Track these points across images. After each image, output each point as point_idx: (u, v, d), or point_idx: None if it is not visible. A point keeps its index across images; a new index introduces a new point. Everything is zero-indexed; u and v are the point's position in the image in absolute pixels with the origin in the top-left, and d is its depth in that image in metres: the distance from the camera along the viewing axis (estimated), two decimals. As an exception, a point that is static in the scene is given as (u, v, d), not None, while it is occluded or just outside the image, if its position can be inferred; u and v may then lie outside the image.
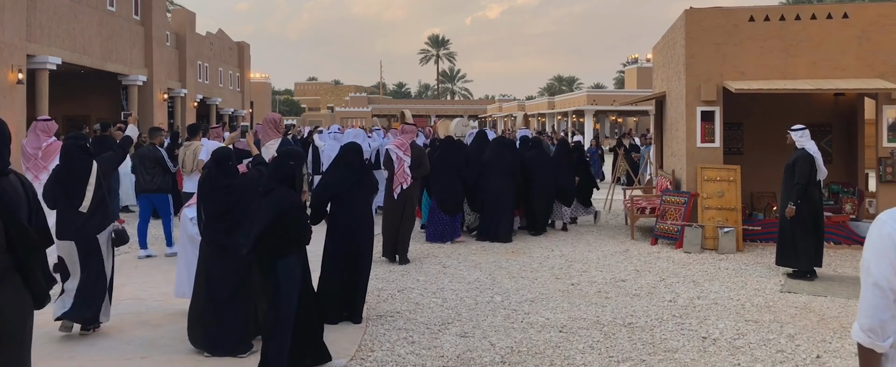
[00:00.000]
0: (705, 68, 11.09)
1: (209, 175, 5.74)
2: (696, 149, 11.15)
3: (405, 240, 9.87)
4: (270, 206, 5.03)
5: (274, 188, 5.15)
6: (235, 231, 5.63)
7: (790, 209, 8.52)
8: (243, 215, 5.69)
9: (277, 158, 5.50)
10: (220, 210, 5.65)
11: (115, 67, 25.05)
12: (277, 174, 5.25)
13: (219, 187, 5.68)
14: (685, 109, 11.22)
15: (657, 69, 14.97)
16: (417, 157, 10.04)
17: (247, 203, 5.73)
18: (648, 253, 10.43)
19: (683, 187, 11.42)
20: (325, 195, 6.53)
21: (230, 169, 5.75)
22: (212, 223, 5.68)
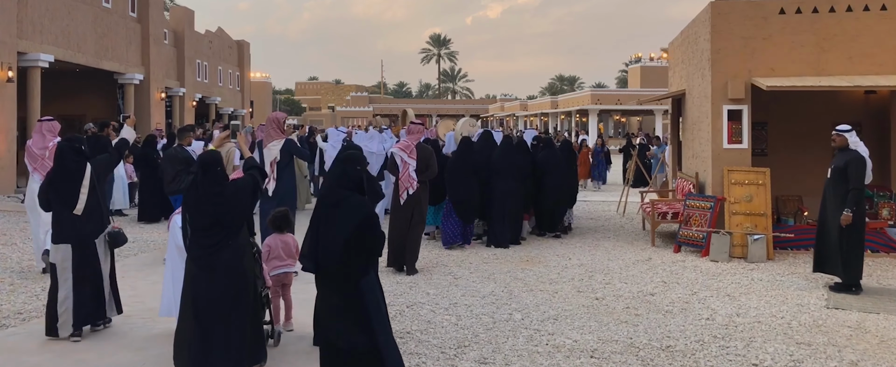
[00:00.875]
0: (732, 64, 10.39)
1: (195, 183, 5.05)
2: (722, 150, 10.45)
3: (413, 249, 9.21)
4: (349, 218, 4.63)
5: (345, 197, 4.74)
6: (226, 246, 4.94)
7: (846, 217, 7.78)
8: (234, 228, 5.01)
9: (343, 162, 4.99)
10: (208, 222, 4.96)
11: (111, 66, 24.35)
12: (345, 181, 4.84)
13: (207, 196, 4.98)
14: (710, 107, 10.53)
15: (674, 66, 14.28)
16: (424, 159, 9.36)
17: (239, 214, 5.04)
18: (673, 262, 9.73)
19: (708, 190, 10.72)
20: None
21: (219, 175, 5.06)
22: (199, 238, 4.99)
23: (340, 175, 4.92)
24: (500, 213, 10.94)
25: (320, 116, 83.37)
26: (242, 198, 5.06)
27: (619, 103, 50.25)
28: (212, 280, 4.93)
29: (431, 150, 9.68)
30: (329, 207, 4.78)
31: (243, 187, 5.13)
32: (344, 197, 4.77)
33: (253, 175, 5.29)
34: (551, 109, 58.61)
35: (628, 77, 73.95)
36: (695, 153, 11.86)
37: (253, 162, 5.61)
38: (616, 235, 12.25)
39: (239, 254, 5.06)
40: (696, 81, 11.68)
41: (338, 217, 4.68)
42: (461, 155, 10.91)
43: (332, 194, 4.86)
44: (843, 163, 7.92)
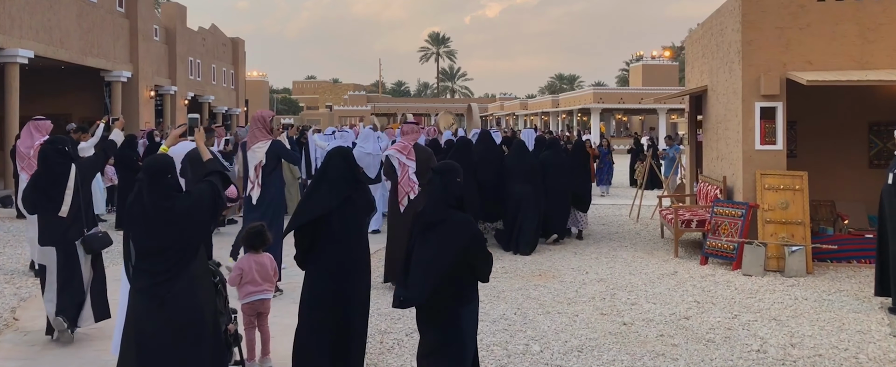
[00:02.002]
0: (766, 57, 9.40)
1: (140, 195, 4.05)
2: (754, 152, 9.47)
3: None
4: (454, 238, 4.15)
5: (446, 218, 4.22)
6: (178, 275, 3.95)
7: None
8: (189, 253, 4.02)
9: (441, 175, 4.37)
10: (156, 245, 3.97)
11: (96, 62, 23.33)
12: (446, 197, 4.30)
13: (155, 213, 3.99)
14: (740, 105, 9.54)
15: (693, 61, 13.29)
16: (424, 160, 8.42)
17: (194, 234, 4.05)
18: (702, 276, 8.74)
19: (738, 196, 9.74)
20: (307, 219, 4.82)
21: (169, 186, 4.06)
22: (145, 264, 3.99)
23: (442, 189, 4.34)
24: (513, 217, 10.42)
25: (318, 116, 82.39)
26: (199, 214, 4.07)
27: (622, 102, 49.24)
28: (160, 317, 3.94)
29: (431, 151, 8.79)
30: (430, 227, 4.25)
31: (199, 201, 4.12)
32: (448, 215, 4.23)
33: (212, 183, 4.28)
34: (552, 108, 57.55)
35: (630, 76, 72.97)
36: (720, 155, 10.87)
37: (214, 165, 4.57)
38: (633, 243, 11.26)
39: (194, 285, 4.07)
40: (722, 77, 10.69)
41: (442, 239, 4.18)
42: (460, 154, 10.23)
43: (434, 211, 4.30)
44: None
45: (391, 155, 8.47)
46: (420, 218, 4.39)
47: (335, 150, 5.04)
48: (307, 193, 4.98)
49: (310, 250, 4.91)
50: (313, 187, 4.99)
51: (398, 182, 8.35)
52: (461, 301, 4.21)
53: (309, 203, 4.90)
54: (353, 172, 4.99)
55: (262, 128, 8.28)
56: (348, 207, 4.86)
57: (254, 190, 8.04)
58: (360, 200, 4.94)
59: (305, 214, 4.86)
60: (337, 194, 4.86)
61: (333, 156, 5.00)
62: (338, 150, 5.05)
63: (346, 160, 4.98)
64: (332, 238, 4.85)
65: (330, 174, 4.94)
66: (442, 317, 4.19)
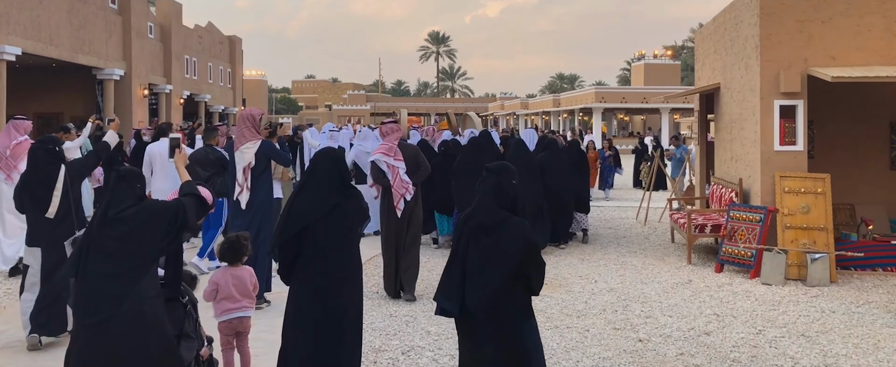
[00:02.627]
0: (786, 52, 8.86)
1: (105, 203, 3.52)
2: (772, 153, 8.92)
3: (412, 268, 7.75)
4: (513, 245, 3.81)
5: (505, 218, 3.86)
6: (125, 294, 3.41)
7: None
8: (139, 269, 3.47)
9: (497, 174, 4.02)
10: (101, 258, 3.45)
11: (88, 60, 22.78)
12: (500, 198, 3.94)
13: (110, 221, 3.47)
14: (759, 102, 8.99)
15: (704, 58, 12.74)
16: (412, 158, 7.92)
17: (147, 248, 3.52)
18: (718, 285, 8.20)
19: (755, 200, 9.19)
20: (290, 233, 4.27)
21: (131, 192, 3.54)
22: (90, 280, 3.45)
23: (496, 190, 3.99)
24: None
25: (317, 115, 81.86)
26: (155, 227, 3.52)
27: (624, 102, 48.65)
28: (104, 343, 3.39)
29: (416, 147, 8.28)
30: (484, 231, 3.89)
31: (160, 214, 3.58)
32: (504, 219, 3.87)
33: (180, 204, 3.72)
34: (553, 107, 56.97)
35: (631, 75, 72.42)
36: (734, 156, 10.32)
37: (190, 188, 3.99)
38: (642, 249, 10.72)
39: (142, 307, 3.51)
40: (737, 73, 10.14)
41: (498, 244, 3.84)
42: (469, 156, 9.85)
43: (488, 214, 3.93)
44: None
45: (377, 160, 7.86)
46: (471, 220, 3.98)
47: (323, 151, 4.50)
48: (291, 199, 4.44)
49: (294, 262, 4.38)
50: (298, 192, 4.45)
51: (391, 186, 7.80)
52: (524, 315, 3.85)
53: (293, 211, 4.36)
54: (343, 177, 4.45)
55: (250, 127, 7.68)
56: (337, 215, 4.33)
57: (242, 194, 7.47)
58: (351, 207, 4.40)
59: (289, 225, 4.32)
60: (324, 201, 4.32)
61: (321, 158, 4.46)
62: (326, 151, 4.51)
63: (335, 163, 4.44)
64: (318, 250, 4.32)
65: (317, 178, 4.41)
66: (505, 333, 3.82)
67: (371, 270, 9.09)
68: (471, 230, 3.95)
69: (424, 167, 8.00)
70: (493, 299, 3.79)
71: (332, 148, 4.59)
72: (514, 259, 3.79)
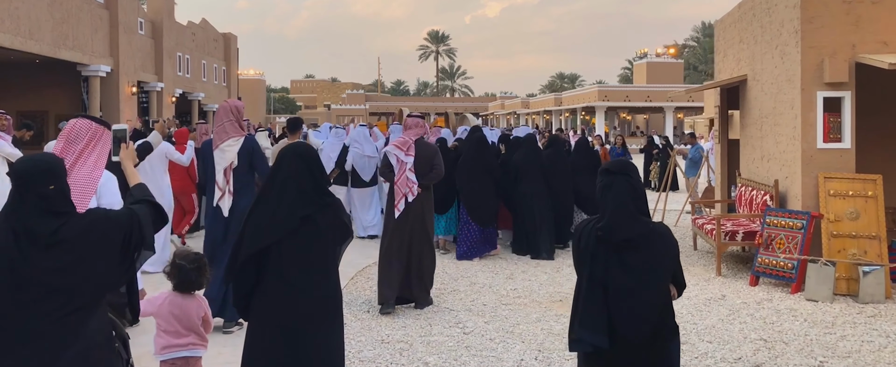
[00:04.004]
0: (830, 38, 7.85)
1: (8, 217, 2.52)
2: (815, 151, 7.92)
3: (424, 275, 7.01)
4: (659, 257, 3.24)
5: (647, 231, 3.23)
6: (70, 347, 2.43)
7: None
8: (85, 307, 2.49)
9: (626, 176, 3.30)
10: (31, 296, 2.46)
11: (72, 55, 21.74)
12: (639, 203, 3.29)
13: (27, 243, 2.48)
14: (799, 95, 7.98)
15: (726, 49, 11.73)
16: (426, 157, 7.04)
17: (94, 281, 2.52)
18: (757, 302, 7.19)
19: (795, 203, 8.18)
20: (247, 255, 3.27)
21: (52, 200, 2.55)
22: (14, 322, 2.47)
23: (632, 194, 3.29)
24: (528, 218, 9.73)
25: (316, 115, 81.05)
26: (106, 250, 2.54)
27: (628, 100, 47.64)
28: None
29: (436, 146, 7.37)
30: (631, 247, 3.22)
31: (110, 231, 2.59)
32: (649, 228, 3.25)
33: (132, 212, 2.72)
34: (555, 106, 55.99)
35: (633, 74, 71.43)
36: (766, 154, 9.31)
37: (141, 193, 2.96)
38: (663, 257, 9.70)
39: (89, 360, 2.53)
40: (768, 63, 9.14)
41: (650, 260, 3.22)
42: (472, 153, 9.58)
43: (631, 226, 3.23)
44: None
45: (389, 152, 7.06)
46: (611, 235, 3.22)
47: (291, 148, 3.50)
48: (250, 211, 3.44)
49: (253, 292, 3.39)
50: (258, 201, 3.45)
51: (394, 182, 6.91)
52: (671, 333, 3.30)
53: (250, 227, 3.36)
54: (317, 180, 3.45)
55: (233, 121, 6.69)
56: (308, 231, 3.33)
57: (223, 199, 6.49)
58: (326, 220, 3.41)
59: (245, 244, 3.33)
60: (290, 212, 3.33)
61: (288, 156, 3.46)
62: (295, 148, 3.51)
63: (305, 162, 3.44)
64: (283, 278, 3.33)
65: (281, 183, 3.41)
66: (659, 358, 3.26)
67: (362, 282, 8.10)
68: (609, 248, 3.23)
69: (437, 170, 7.10)
70: (654, 323, 3.20)
71: (303, 143, 3.58)
72: (668, 274, 3.26)
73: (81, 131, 3.16)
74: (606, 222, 3.21)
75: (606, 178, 3.27)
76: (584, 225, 3.34)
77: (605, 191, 3.25)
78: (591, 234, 3.23)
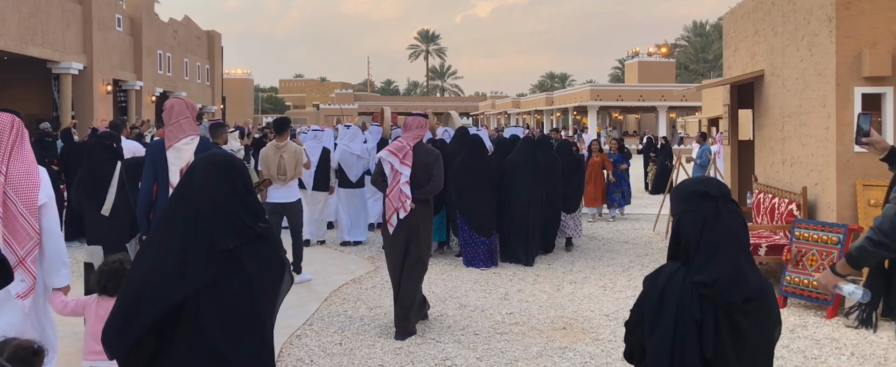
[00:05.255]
0: (870, 25, 6.91)
1: None
2: (852, 155, 6.96)
3: (407, 302, 6.06)
4: (774, 317, 2.38)
5: (763, 282, 2.35)
6: None
7: None
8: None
9: (730, 202, 2.42)
10: None
11: (40, 52, 20.69)
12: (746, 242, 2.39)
13: None
14: (832, 91, 7.04)
15: (737, 42, 10.78)
16: (424, 165, 6.12)
17: None
18: (789, 329, 6.23)
19: (827, 214, 7.23)
20: (143, 328, 2.26)
21: None
22: None
23: (744, 230, 2.45)
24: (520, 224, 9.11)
25: (304, 114, 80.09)
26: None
27: (621, 99, 46.76)
28: None
29: (437, 152, 6.33)
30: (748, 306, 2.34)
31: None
32: (763, 281, 2.40)
33: None
34: (546, 105, 55.08)
35: (625, 73, 70.66)
36: (789, 158, 8.37)
37: None
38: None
39: None
40: (792, 57, 8.20)
41: (762, 320, 2.37)
42: (469, 157, 9.03)
43: (748, 278, 2.35)
44: None
45: (383, 158, 6.14)
46: (723, 295, 2.29)
47: (205, 158, 2.48)
48: (142, 251, 2.42)
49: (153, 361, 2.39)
50: (157, 235, 2.44)
51: (386, 194, 6.03)
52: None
53: (140, 281, 2.34)
54: (245, 203, 2.44)
55: (189, 119, 5.87)
56: (232, 275, 2.33)
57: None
58: (255, 259, 2.40)
59: (138, 310, 2.32)
60: (199, 253, 2.32)
61: (200, 170, 2.45)
62: (210, 158, 2.48)
63: (224, 175, 2.43)
64: (197, 346, 2.32)
65: (192, 207, 2.39)
66: None
67: (337, 305, 7.10)
68: (721, 310, 2.31)
69: (434, 183, 6.14)
70: None
71: (221, 152, 2.55)
72: (777, 334, 2.42)
73: (4, 126, 3.30)
74: (720, 274, 2.24)
75: (707, 205, 2.32)
76: (664, 278, 2.38)
77: (710, 224, 2.29)
78: (688, 290, 2.27)
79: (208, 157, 2.41)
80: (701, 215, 2.35)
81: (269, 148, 8.18)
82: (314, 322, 6.49)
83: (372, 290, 7.73)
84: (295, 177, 8.08)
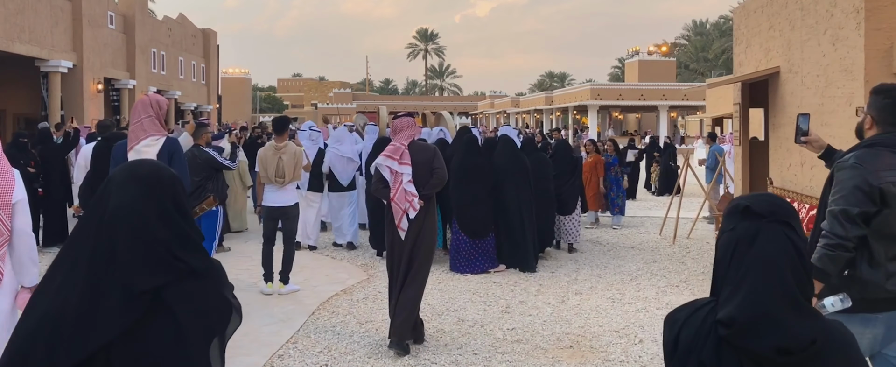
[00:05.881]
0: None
1: None
2: (881, 157, 6.44)
3: (407, 314, 5.64)
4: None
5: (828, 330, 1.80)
6: None
7: None
8: None
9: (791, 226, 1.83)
10: None
11: (28, 50, 20.12)
12: (804, 280, 1.79)
13: None
14: (862, 87, 6.51)
15: (750, 38, 10.26)
16: (425, 162, 5.75)
17: None
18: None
19: (855, 222, 6.70)
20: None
21: None
22: None
23: (794, 258, 1.86)
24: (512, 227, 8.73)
25: (303, 114, 79.62)
26: None
27: (621, 99, 46.25)
28: None
29: (434, 147, 5.95)
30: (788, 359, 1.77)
31: None
32: (823, 329, 1.81)
33: None
34: (545, 105, 54.59)
35: (625, 72, 70.19)
36: (809, 160, 7.83)
37: None
38: (684, 280, 8.25)
39: None
40: (812, 52, 7.68)
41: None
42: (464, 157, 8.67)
43: (786, 319, 1.77)
44: None
45: (380, 164, 5.73)
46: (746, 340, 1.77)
47: (123, 172, 1.92)
48: (39, 290, 1.87)
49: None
50: (57, 271, 1.87)
51: (391, 198, 5.62)
52: None
53: (46, 322, 1.80)
54: (177, 228, 1.88)
55: (152, 117, 5.49)
56: (156, 331, 1.79)
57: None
58: (187, 301, 1.85)
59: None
60: (113, 291, 1.77)
61: (117, 185, 1.89)
62: (129, 172, 1.91)
63: (151, 194, 1.87)
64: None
65: (104, 235, 1.84)
66: None
67: (325, 318, 6.57)
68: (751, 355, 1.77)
69: (439, 175, 5.74)
70: None
71: (147, 162, 1.97)
72: None
73: None
74: (740, 312, 1.72)
75: (746, 224, 1.80)
76: (685, 313, 1.86)
77: (741, 248, 1.78)
78: (708, 330, 1.76)
79: (129, 168, 1.86)
80: (735, 236, 1.84)
81: (267, 149, 7.70)
82: (299, 340, 5.98)
83: (364, 302, 7.21)
84: (294, 180, 7.60)
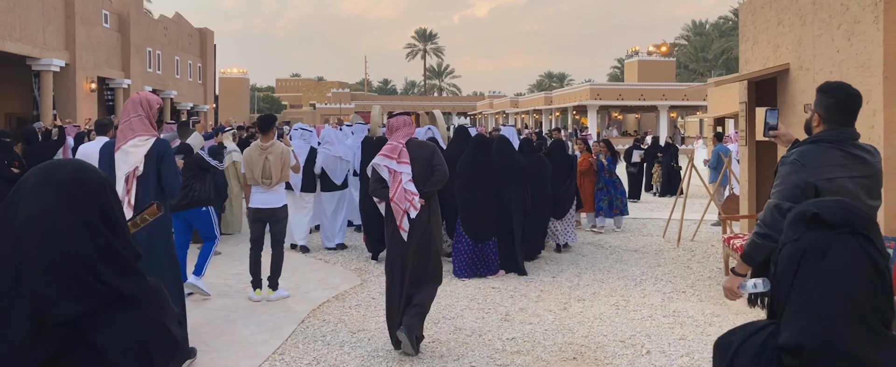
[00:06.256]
0: (924, 9, 6.07)
1: None
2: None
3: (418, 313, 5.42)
4: None
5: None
6: None
7: None
8: None
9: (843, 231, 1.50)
10: None
11: (19, 48, 19.81)
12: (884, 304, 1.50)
13: None
14: (880, 84, 6.20)
15: (757, 35, 9.94)
16: (424, 159, 5.51)
17: None
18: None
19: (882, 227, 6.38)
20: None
21: None
22: None
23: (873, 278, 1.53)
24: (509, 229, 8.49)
25: (301, 114, 79.30)
26: None
27: (621, 99, 45.91)
28: None
29: (433, 145, 5.69)
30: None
31: None
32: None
33: None
34: (545, 105, 54.23)
35: (624, 72, 69.83)
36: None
37: None
38: (691, 285, 7.92)
39: None
40: (825, 48, 7.36)
41: None
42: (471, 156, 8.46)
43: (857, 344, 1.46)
44: None
45: (377, 164, 5.48)
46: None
47: (37, 175, 1.57)
48: None
49: None
50: None
51: (390, 198, 5.36)
52: None
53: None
54: (105, 244, 1.53)
55: (142, 117, 5.21)
56: (80, 363, 1.46)
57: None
58: (113, 336, 1.49)
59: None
60: (26, 334, 1.43)
61: (29, 191, 1.54)
62: (45, 175, 1.55)
63: (75, 206, 1.52)
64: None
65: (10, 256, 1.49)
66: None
67: (315, 327, 6.24)
68: None
69: (440, 172, 5.48)
70: None
71: (72, 162, 1.63)
72: None
73: None
74: (807, 339, 1.42)
75: (814, 235, 1.50)
76: (740, 337, 1.56)
77: (808, 263, 1.48)
78: (768, 358, 1.46)
79: (46, 170, 1.51)
80: (800, 248, 1.53)
81: (252, 149, 7.35)
82: (287, 350, 5.65)
83: (356, 309, 6.88)
84: (281, 181, 7.27)
